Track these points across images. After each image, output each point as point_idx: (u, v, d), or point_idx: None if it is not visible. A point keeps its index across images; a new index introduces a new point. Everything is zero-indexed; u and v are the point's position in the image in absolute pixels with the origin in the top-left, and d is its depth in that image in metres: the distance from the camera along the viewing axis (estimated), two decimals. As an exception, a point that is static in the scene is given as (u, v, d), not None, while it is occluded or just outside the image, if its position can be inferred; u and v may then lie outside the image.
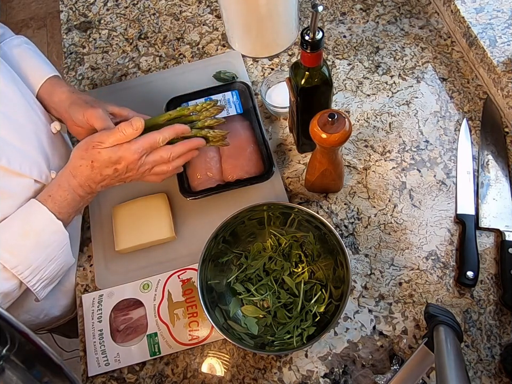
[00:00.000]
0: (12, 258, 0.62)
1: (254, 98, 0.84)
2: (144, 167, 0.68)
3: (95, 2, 1.07)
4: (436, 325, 0.57)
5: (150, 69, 0.96)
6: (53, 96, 0.75)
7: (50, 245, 0.66)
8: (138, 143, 0.65)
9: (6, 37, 0.78)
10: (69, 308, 0.84)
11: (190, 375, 0.69)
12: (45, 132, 0.72)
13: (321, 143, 0.65)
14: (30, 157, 0.67)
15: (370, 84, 0.89)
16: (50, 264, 0.67)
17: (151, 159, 0.67)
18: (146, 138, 0.66)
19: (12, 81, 0.69)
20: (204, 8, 1.03)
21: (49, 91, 0.75)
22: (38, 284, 0.66)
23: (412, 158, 0.82)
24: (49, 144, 0.72)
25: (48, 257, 0.66)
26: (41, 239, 0.65)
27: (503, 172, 0.78)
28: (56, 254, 0.67)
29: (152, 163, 0.68)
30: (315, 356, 0.69)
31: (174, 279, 0.75)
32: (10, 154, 0.63)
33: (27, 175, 0.65)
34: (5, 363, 0.45)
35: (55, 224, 0.66)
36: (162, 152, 0.68)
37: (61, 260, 0.69)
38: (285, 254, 0.73)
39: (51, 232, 0.66)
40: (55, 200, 0.66)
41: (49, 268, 0.67)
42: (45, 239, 0.65)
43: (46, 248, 0.66)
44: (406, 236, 0.76)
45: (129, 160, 0.65)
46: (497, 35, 0.83)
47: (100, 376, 0.70)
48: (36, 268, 0.65)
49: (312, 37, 0.61)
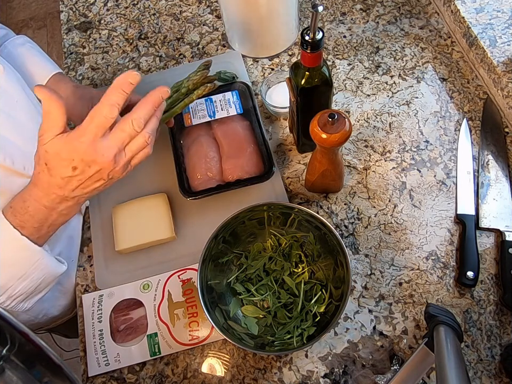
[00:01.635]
0: None
1: (254, 99, 0.84)
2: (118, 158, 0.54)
3: (95, 3, 1.07)
4: (436, 325, 0.57)
5: (150, 69, 0.97)
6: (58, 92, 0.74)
7: (16, 263, 0.60)
8: (89, 127, 0.52)
9: (9, 37, 0.79)
10: (68, 308, 0.84)
11: (190, 375, 0.69)
12: None
13: (321, 143, 0.65)
14: (33, 157, 0.66)
15: (370, 84, 0.89)
16: (20, 281, 0.61)
17: (115, 141, 0.53)
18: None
19: (16, 81, 0.68)
20: (204, 8, 1.03)
21: (54, 87, 0.73)
22: (9, 301, 0.62)
23: (412, 158, 0.82)
24: None
25: (15, 276, 0.60)
26: (2, 257, 0.59)
27: (503, 172, 0.78)
28: (27, 271, 0.61)
29: (120, 146, 0.54)
30: (315, 356, 0.69)
31: (174, 279, 0.75)
32: (13, 154, 0.62)
33: (30, 175, 0.65)
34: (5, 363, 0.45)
35: (19, 241, 0.58)
36: (122, 126, 0.53)
37: (36, 275, 0.62)
38: (285, 254, 0.73)
39: (15, 249, 0.59)
40: (16, 212, 0.58)
41: (20, 285, 0.61)
42: (7, 257, 0.59)
43: (10, 266, 0.60)
44: (406, 236, 0.76)
45: (84, 153, 0.52)
46: (497, 35, 0.83)
47: (100, 376, 0.70)
48: (1, 287, 0.59)
49: (312, 37, 0.61)
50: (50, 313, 0.82)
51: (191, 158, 0.79)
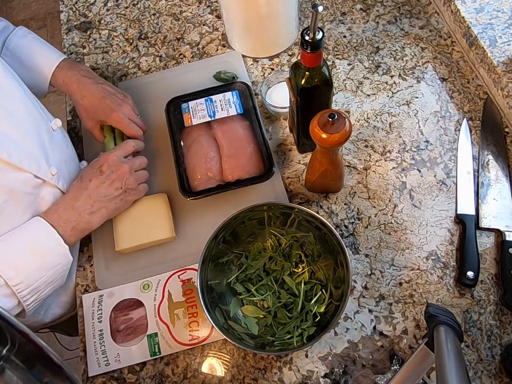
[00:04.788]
0: (16, 275, 0.62)
1: (254, 99, 0.84)
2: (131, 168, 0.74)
3: (95, 3, 1.07)
4: (436, 325, 0.57)
5: (150, 69, 0.96)
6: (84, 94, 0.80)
7: (54, 268, 0.66)
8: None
9: (9, 29, 0.82)
10: (70, 305, 0.84)
11: (190, 375, 0.69)
12: (45, 128, 0.72)
13: (322, 143, 0.65)
14: (30, 152, 0.67)
15: (370, 84, 0.89)
16: (48, 286, 0.67)
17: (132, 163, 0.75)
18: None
19: (13, 77, 0.69)
20: (204, 8, 1.03)
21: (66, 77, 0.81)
22: (32, 304, 0.66)
23: (412, 158, 0.82)
24: (49, 140, 0.72)
25: (48, 280, 0.66)
26: (48, 260, 0.65)
27: (503, 171, 0.78)
28: (57, 277, 0.68)
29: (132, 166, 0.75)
30: (315, 356, 0.69)
31: (174, 279, 0.75)
32: (10, 148, 0.63)
33: (26, 170, 0.65)
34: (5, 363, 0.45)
35: (63, 248, 0.66)
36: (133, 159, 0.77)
37: (57, 284, 0.69)
38: (285, 254, 0.73)
39: (58, 255, 0.66)
40: (47, 213, 0.68)
41: (46, 290, 0.67)
42: (51, 260, 0.66)
43: (49, 270, 0.66)
44: (406, 236, 0.76)
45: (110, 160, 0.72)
46: (497, 35, 0.83)
47: (100, 376, 0.70)
48: (35, 288, 0.64)
49: (312, 37, 0.61)
50: (52, 309, 0.82)
51: (191, 158, 0.79)
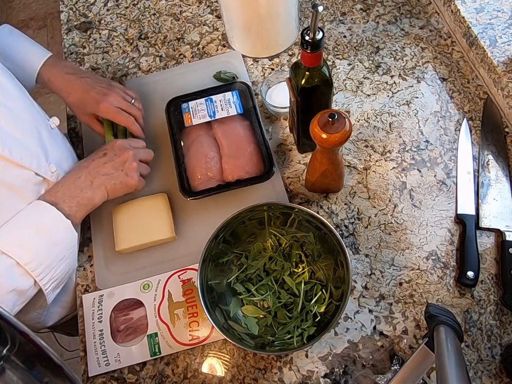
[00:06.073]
0: (25, 254, 0.63)
1: (254, 99, 0.84)
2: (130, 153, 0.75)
3: (95, 3, 1.07)
4: (436, 325, 0.57)
5: (150, 69, 0.96)
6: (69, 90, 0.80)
7: (61, 243, 0.67)
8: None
9: None
10: (70, 305, 0.84)
11: (191, 375, 0.69)
12: (44, 126, 0.73)
13: (322, 143, 0.65)
14: (30, 149, 0.67)
15: (370, 84, 0.89)
16: (60, 263, 0.67)
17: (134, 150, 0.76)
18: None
19: (10, 76, 0.70)
20: (204, 8, 1.03)
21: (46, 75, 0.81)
22: (49, 283, 0.67)
23: (412, 158, 0.82)
24: (48, 138, 0.72)
25: (59, 256, 0.67)
26: (53, 236, 0.66)
27: (503, 171, 0.78)
28: (66, 254, 0.68)
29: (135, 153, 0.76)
30: (315, 356, 0.69)
31: (174, 279, 0.75)
32: (11, 145, 0.63)
33: (27, 167, 0.66)
34: (5, 363, 0.45)
35: (65, 222, 0.67)
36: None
37: (69, 261, 0.70)
38: (285, 254, 0.73)
39: (62, 229, 0.67)
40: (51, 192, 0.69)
41: (60, 267, 0.67)
42: (56, 236, 0.67)
43: (57, 246, 0.67)
44: (406, 236, 0.76)
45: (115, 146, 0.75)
46: (497, 35, 0.83)
47: (100, 376, 0.70)
48: (47, 265, 0.65)
49: (312, 37, 0.61)
50: (53, 308, 0.82)
51: (191, 158, 0.79)
